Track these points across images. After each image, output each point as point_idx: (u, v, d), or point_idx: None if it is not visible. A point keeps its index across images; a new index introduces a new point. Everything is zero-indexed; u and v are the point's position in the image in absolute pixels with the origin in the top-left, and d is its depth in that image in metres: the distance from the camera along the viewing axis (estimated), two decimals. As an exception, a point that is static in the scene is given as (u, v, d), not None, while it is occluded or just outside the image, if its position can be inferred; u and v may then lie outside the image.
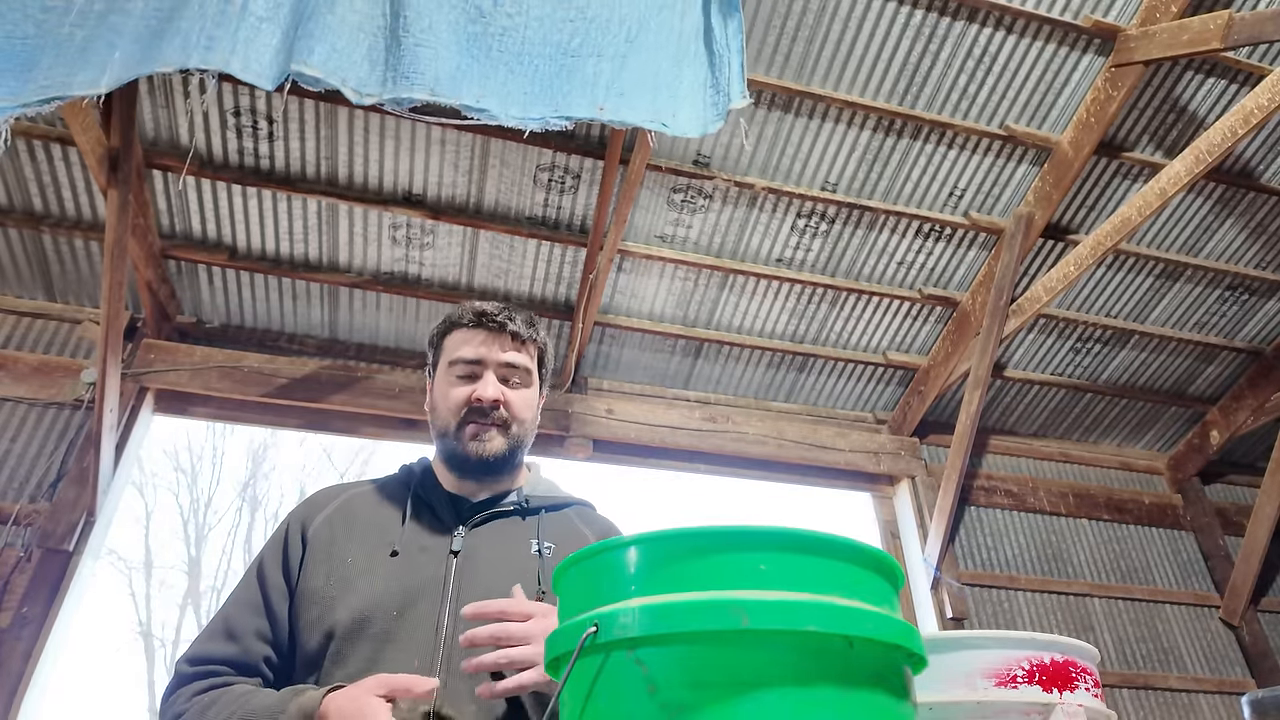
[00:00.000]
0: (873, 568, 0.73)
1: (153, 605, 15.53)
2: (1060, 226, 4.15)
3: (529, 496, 1.36)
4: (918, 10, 3.43)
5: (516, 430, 1.34)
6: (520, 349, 1.37)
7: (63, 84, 1.82)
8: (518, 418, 1.34)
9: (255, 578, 1.24)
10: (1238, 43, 3.02)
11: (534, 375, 1.40)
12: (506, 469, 1.35)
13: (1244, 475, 5.13)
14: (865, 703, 0.65)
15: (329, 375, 3.83)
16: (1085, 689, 0.99)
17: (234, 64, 1.77)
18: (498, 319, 1.36)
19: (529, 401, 1.37)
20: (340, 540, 1.24)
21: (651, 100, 2.14)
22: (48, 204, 3.53)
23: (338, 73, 1.84)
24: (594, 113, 2.08)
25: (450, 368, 1.36)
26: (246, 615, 1.20)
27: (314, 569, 1.21)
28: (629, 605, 0.68)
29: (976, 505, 4.53)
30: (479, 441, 1.30)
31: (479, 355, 1.34)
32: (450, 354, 1.37)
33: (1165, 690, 4.24)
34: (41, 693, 3.15)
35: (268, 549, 1.28)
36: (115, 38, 1.87)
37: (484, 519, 1.30)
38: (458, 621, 1.14)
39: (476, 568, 1.22)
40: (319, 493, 1.37)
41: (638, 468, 4.28)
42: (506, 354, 1.35)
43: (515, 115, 2.02)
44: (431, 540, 1.25)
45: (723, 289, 4.19)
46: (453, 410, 1.32)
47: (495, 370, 1.34)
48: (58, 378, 3.55)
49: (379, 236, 3.81)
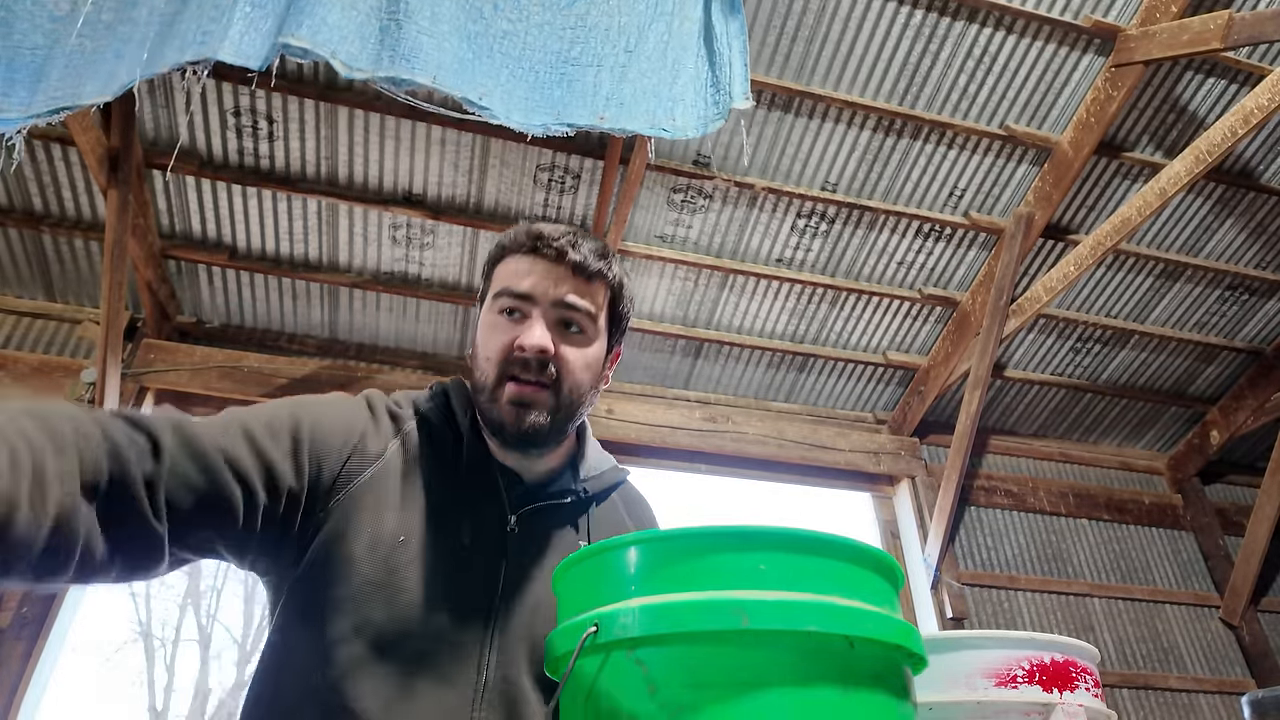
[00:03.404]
0: (873, 568, 0.73)
1: (153, 605, 15.53)
2: (1060, 226, 4.15)
3: (585, 482, 1.12)
4: (918, 10, 3.43)
5: (569, 394, 1.04)
6: (586, 285, 1.06)
7: (72, 94, 1.83)
8: (571, 378, 1.04)
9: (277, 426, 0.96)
10: (1238, 43, 3.02)
11: (599, 324, 1.09)
12: (555, 441, 1.08)
13: (1244, 475, 5.13)
14: (865, 703, 0.65)
15: (329, 375, 3.83)
16: (1085, 689, 0.99)
17: (225, 50, 1.76)
18: (556, 243, 1.05)
19: (587, 361, 1.06)
20: (390, 501, 0.99)
21: (651, 108, 2.14)
22: (48, 204, 3.53)
23: (326, 45, 1.82)
24: (594, 121, 2.07)
25: (495, 300, 1.07)
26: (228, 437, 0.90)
27: (355, 526, 0.96)
28: (629, 605, 0.68)
29: (976, 505, 4.53)
30: (518, 409, 1.01)
31: (529, 289, 1.04)
32: (498, 284, 1.08)
33: (1165, 690, 4.24)
34: (41, 693, 3.15)
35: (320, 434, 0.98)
36: (122, 46, 1.88)
37: (535, 510, 1.07)
38: (501, 653, 0.96)
39: (524, 579, 1.02)
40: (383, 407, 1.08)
41: (638, 468, 4.27)
42: (564, 292, 1.05)
43: (518, 120, 2.02)
44: (480, 527, 1.03)
45: (723, 289, 4.19)
46: (491, 359, 1.04)
47: (547, 312, 1.04)
48: (58, 378, 3.54)
49: (379, 236, 3.81)
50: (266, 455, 0.92)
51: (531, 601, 1.00)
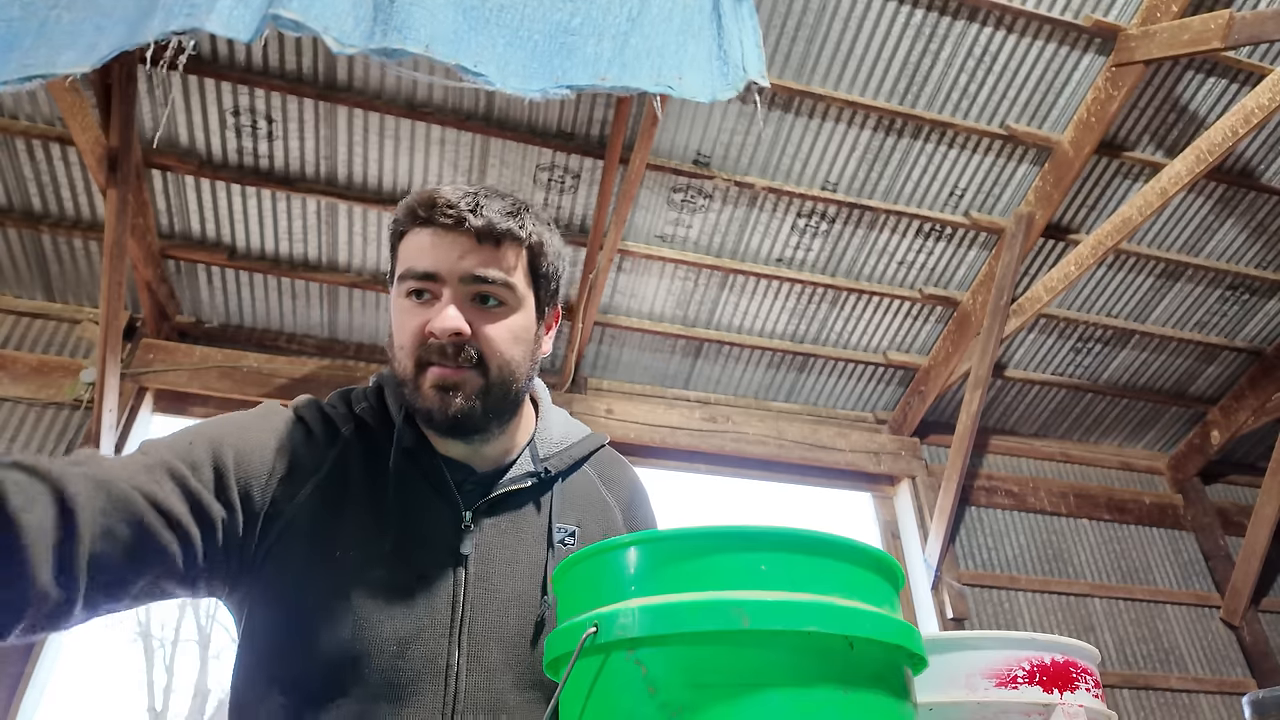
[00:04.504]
0: (873, 568, 0.73)
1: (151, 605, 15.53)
2: (1061, 226, 4.15)
3: (547, 461, 1.05)
4: (918, 10, 3.43)
5: (498, 373, 0.95)
6: (495, 252, 0.96)
7: (46, 62, 1.77)
8: (498, 356, 0.95)
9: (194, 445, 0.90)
10: (1238, 42, 3.02)
11: (521, 289, 0.99)
12: (496, 424, 1.00)
13: (1244, 475, 5.13)
14: (865, 703, 0.65)
15: (328, 375, 3.82)
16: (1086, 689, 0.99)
17: (213, 22, 1.71)
18: (454, 210, 0.94)
19: (513, 330, 0.97)
20: (330, 517, 0.93)
21: (656, 66, 2.08)
22: (47, 204, 3.53)
23: (319, 19, 1.78)
24: (596, 82, 2.01)
25: (400, 284, 0.97)
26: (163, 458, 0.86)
27: (294, 550, 0.90)
28: (629, 605, 0.68)
29: (977, 505, 4.53)
30: (442, 394, 0.93)
31: (431, 267, 0.94)
32: (401, 264, 0.98)
33: (1166, 690, 4.24)
34: (41, 693, 3.15)
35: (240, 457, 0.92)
36: (103, 20, 1.84)
37: (492, 502, 1.00)
38: (471, 659, 0.90)
39: (490, 577, 0.95)
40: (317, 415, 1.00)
41: (638, 468, 4.27)
42: (471, 264, 0.94)
43: (515, 84, 1.95)
44: (431, 529, 0.96)
45: (723, 289, 4.19)
46: (405, 347, 0.95)
47: (456, 289, 0.94)
48: (57, 378, 3.54)
49: (379, 236, 3.81)
50: (192, 492, 0.85)
51: (501, 600, 0.95)
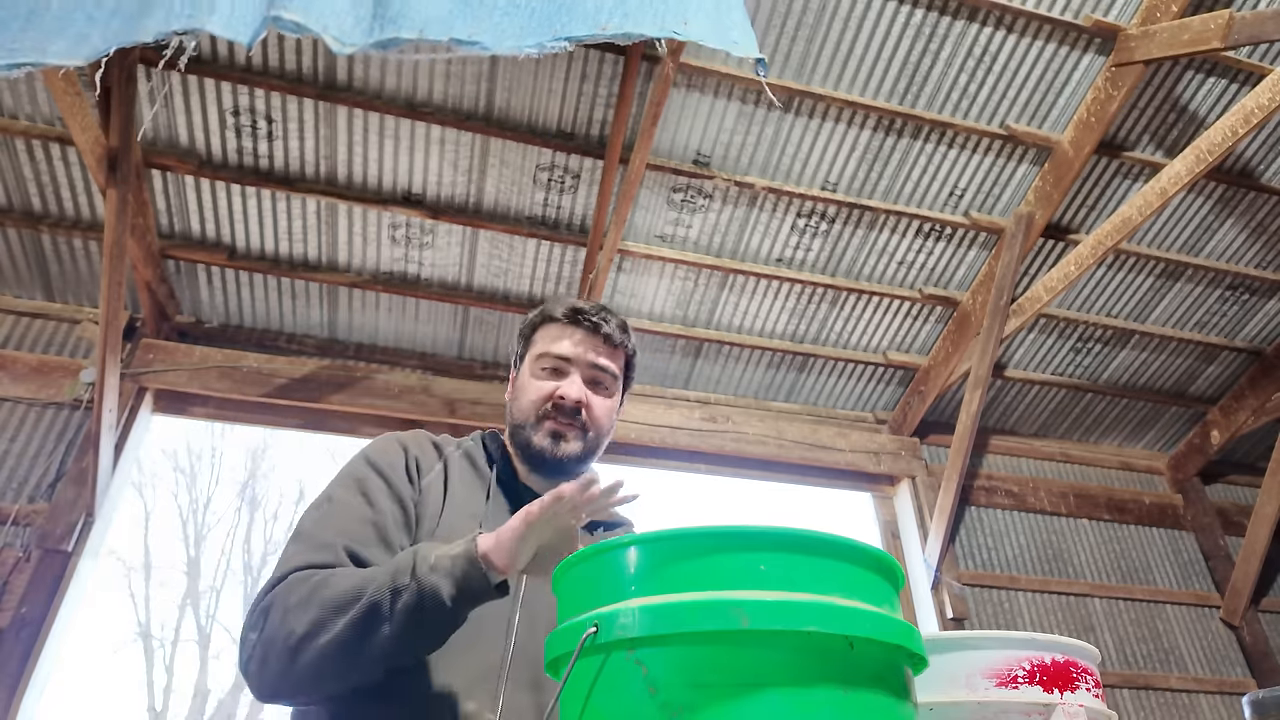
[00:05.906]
0: (873, 568, 0.73)
1: (152, 606, 15.55)
2: (1061, 226, 4.15)
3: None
4: (918, 10, 3.43)
5: (594, 436, 1.31)
6: (612, 354, 1.35)
7: (35, 50, 1.75)
8: (597, 423, 1.31)
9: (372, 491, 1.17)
10: (1238, 42, 3.01)
11: (619, 383, 1.38)
12: (577, 473, 1.30)
13: (1244, 475, 5.13)
14: (865, 703, 0.65)
15: (328, 375, 3.82)
16: (1086, 689, 0.99)
17: (214, 23, 1.70)
18: (593, 319, 1.33)
19: (610, 410, 1.34)
20: (441, 503, 1.22)
21: (659, 13, 2.04)
22: (46, 204, 3.53)
23: (319, 19, 1.77)
24: (596, 31, 1.97)
25: (538, 360, 1.33)
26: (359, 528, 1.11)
27: (421, 524, 1.18)
28: (629, 605, 0.68)
29: (977, 505, 4.53)
30: (556, 441, 1.27)
31: (570, 354, 1.31)
32: (540, 347, 1.34)
33: (1166, 690, 4.24)
34: (41, 693, 3.15)
35: (387, 467, 1.21)
36: (95, 10, 1.82)
37: None
38: (524, 630, 1.12)
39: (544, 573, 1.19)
40: (424, 438, 1.33)
41: (638, 468, 4.27)
42: (597, 356, 1.33)
43: (510, 45, 1.94)
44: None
45: (723, 289, 4.19)
46: (534, 403, 1.29)
47: (583, 371, 1.32)
48: (56, 378, 3.54)
49: (378, 236, 3.81)
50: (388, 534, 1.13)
51: (549, 595, 1.11)
